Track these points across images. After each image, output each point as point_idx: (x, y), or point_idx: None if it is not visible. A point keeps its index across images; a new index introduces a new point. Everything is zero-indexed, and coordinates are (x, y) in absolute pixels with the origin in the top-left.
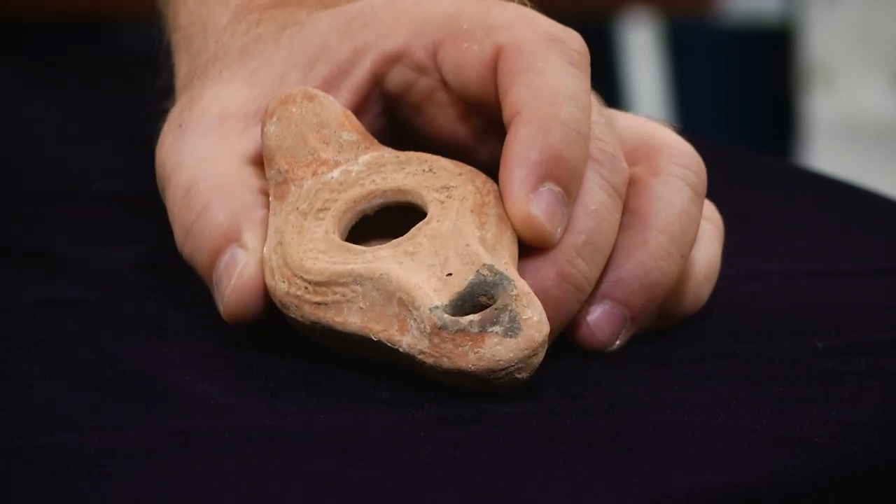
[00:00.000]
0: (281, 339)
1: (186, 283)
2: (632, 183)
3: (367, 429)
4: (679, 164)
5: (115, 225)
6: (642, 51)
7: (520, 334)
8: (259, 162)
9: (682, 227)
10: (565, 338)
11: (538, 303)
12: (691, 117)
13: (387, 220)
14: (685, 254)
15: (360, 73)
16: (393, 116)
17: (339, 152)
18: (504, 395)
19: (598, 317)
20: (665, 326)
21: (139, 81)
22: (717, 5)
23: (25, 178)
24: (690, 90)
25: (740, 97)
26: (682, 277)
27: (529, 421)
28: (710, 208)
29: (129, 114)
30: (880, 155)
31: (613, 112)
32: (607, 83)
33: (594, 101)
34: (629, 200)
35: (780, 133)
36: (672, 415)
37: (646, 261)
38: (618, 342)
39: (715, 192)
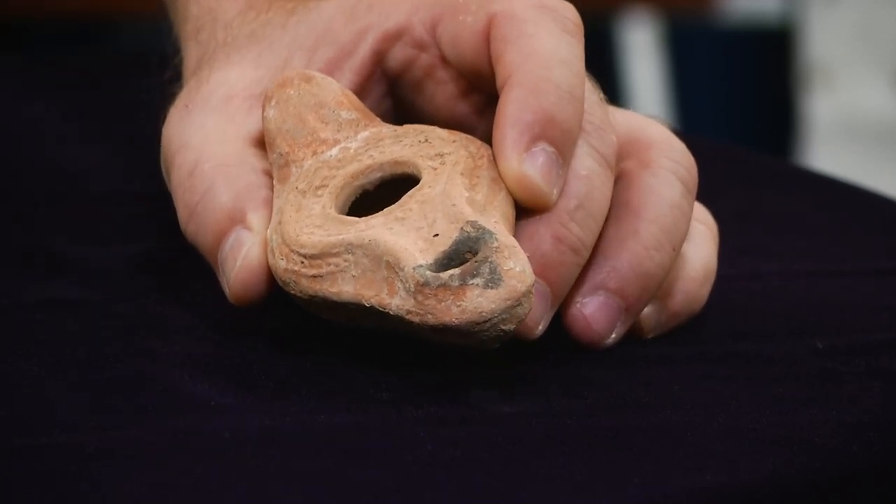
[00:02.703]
0: (281, 339)
1: (186, 283)
2: (622, 176)
3: (367, 429)
4: (670, 158)
5: (115, 225)
6: (642, 51)
7: (501, 285)
8: (263, 142)
9: (673, 220)
10: (563, 335)
11: (522, 255)
12: (691, 117)
13: (390, 195)
14: (676, 246)
15: (362, 54)
16: (396, 98)
17: (339, 131)
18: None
19: (593, 308)
20: (669, 328)
21: (139, 81)
22: (717, 5)
23: (25, 178)
24: (690, 90)
25: (740, 97)
26: (682, 277)
27: (529, 421)
28: (703, 211)
29: (129, 114)
30: (880, 155)
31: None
32: (607, 83)
33: (587, 79)
34: (620, 193)
35: (780, 133)
36: (672, 415)
37: (638, 250)
38: (613, 335)
39: (715, 192)
